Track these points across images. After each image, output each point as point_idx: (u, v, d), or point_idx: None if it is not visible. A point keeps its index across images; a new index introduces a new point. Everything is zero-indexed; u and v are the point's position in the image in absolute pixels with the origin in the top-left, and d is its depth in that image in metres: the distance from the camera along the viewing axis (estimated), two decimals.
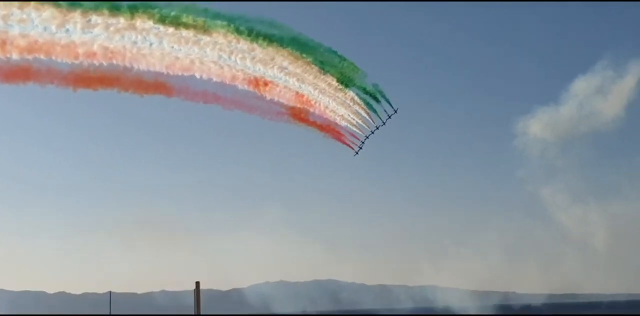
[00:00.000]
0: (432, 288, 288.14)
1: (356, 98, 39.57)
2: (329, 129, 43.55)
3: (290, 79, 39.18)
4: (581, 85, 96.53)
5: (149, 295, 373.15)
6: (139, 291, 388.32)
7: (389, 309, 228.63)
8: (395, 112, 42.98)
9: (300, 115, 42.37)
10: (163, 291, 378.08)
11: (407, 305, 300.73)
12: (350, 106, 40.14)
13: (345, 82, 38.40)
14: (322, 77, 38.41)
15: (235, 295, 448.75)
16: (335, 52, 37.57)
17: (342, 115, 41.88)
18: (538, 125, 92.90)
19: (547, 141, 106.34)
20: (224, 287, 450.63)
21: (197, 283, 26.54)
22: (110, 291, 41.77)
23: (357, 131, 42.97)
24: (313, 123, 42.98)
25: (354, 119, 42.24)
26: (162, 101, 39.60)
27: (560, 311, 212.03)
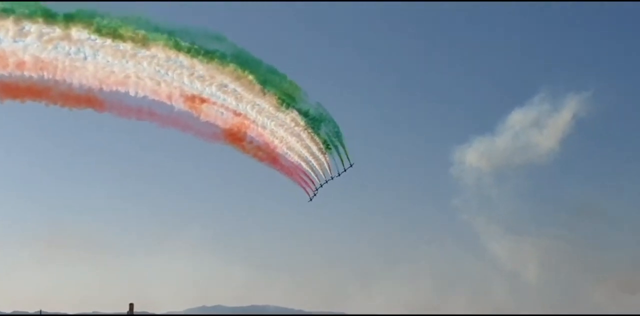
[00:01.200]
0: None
1: (298, 119, 38.86)
2: (270, 158, 42.40)
3: (229, 97, 38.17)
4: (518, 117, 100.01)
5: None
6: (70, 312, 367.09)
7: None
8: (351, 166, 42.95)
9: (236, 137, 41.20)
10: (95, 313, 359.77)
11: None
12: (291, 127, 39.32)
13: (287, 101, 37.67)
14: (263, 96, 37.59)
15: None
16: (276, 70, 36.85)
17: (281, 138, 40.82)
18: (474, 155, 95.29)
19: (483, 171, 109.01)
20: (159, 310, 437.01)
21: (131, 305, 24.96)
22: (40, 311, 39.32)
23: (301, 162, 42.01)
24: (250, 150, 41.69)
25: (295, 146, 41.36)
26: (91, 116, 37.71)
27: None
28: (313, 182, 43.62)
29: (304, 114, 38.80)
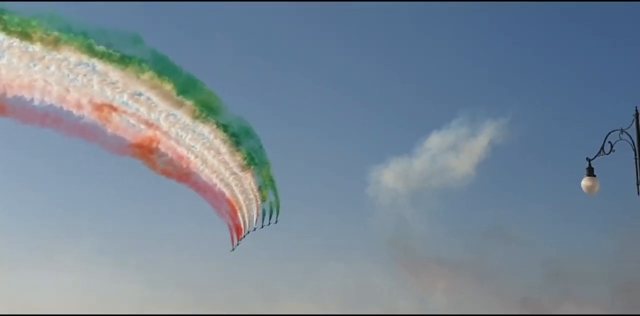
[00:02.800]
0: None
1: (217, 132, 37.34)
2: (181, 175, 40.39)
3: (142, 107, 36.30)
4: (436, 140, 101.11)
5: None
6: None
7: None
8: (276, 222, 43.45)
9: (146, 150, 39.00)
10: None
11: None
12: (209, 141, 37.68)
13: (206, 113, 36.14)
14: (180, 107, 35.93)
15: None
16: (195, 79, 35.33)
17: (196, 153, 39.03)
18: (391, 175, 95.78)
19: (399, 192, 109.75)
20: None
21: None
22: None
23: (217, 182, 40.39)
24: (159, 165, 39.52)
25: (212, 162, 39.67)
26: None
27: None
28: (234, 210, 42.04)
29: (224, 128, 37.44)
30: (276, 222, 43.75)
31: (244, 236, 44.82)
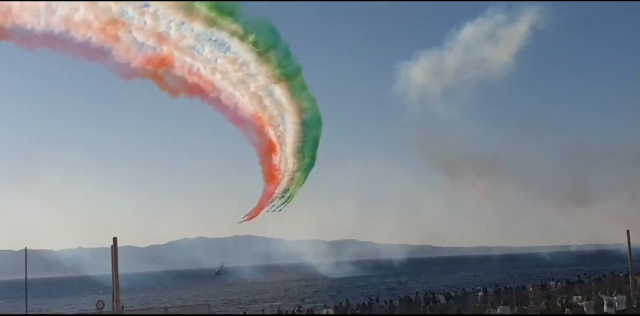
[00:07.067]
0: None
1: (238, 39, 32.55)
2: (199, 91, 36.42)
3: (150, 19, 32.09)
4: (470, 31, 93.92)
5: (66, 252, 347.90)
6: (56, 249, 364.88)
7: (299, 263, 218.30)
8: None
9: (160, 67, 34.80)
10: (80, 249, 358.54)
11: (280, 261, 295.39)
12: (230, 51, 33.05)
13: (221, 18, 31.51)
14: (192, 13, 31.59)
15: (154, 251, 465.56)
16: None
17: (214, 67, 34.65)
18: (420, 71, 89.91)
19: (429, 88, 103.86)
20: (142, 244, 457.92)
21: (115, 240, 22.11)
22: (26, 248, 36.89)
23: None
24: (172, 85, 35.52)
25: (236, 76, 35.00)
26: None
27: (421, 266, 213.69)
28: (261, 128, 38.42)
29: (245, 33, 33.08)
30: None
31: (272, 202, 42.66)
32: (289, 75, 35.65)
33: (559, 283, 47.79)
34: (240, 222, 43.68)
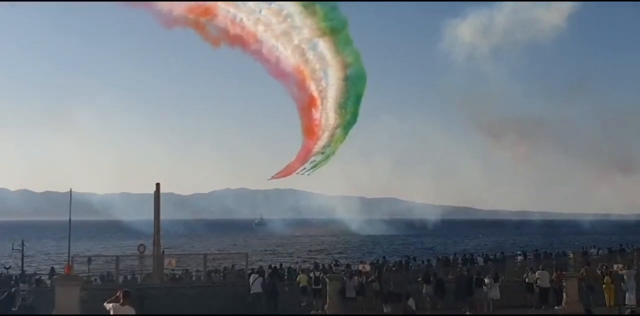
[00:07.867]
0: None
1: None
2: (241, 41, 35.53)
3: None
4: None
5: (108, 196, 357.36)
6: (100, 192, 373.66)
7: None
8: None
9: (202, 15, 33.99)
10: (123, 193, 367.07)
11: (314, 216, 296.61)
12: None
13: None
14: None
15: (195, 199, 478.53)
16: None
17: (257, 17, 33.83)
18: (468, 30, 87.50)
19: (476, 47, 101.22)
20: (185, 192, 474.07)
21: (158, 185, 22.05)
22: (71, 190, 38.09)
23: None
24: (214, 34, 34.88)
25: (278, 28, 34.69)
26: None
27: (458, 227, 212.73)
28: (303, 83, 37.27)
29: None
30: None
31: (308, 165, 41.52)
32: (334, 28, 34.54)
33: (600, 251, 47.30)
34: (269, 179, 43.04)
